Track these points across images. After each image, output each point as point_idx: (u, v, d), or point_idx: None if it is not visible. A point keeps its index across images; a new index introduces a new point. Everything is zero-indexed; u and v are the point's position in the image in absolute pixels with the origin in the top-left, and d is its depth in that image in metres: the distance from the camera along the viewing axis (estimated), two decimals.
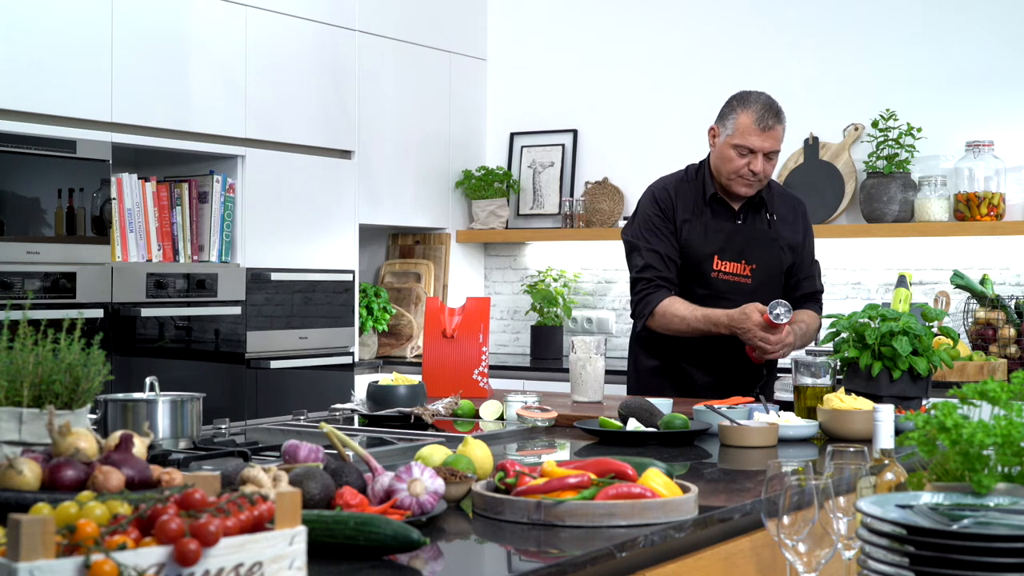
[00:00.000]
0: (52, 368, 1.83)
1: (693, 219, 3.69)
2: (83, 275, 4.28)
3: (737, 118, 3.64)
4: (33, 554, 1.22)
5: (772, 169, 3.67)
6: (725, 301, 3.61)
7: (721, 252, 3.67)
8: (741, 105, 3.65)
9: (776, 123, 3.63)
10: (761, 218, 3.73)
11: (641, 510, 1.87)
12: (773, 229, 3.73)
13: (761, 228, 3.72)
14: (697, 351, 3.66)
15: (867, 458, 2.01)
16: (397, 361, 5.65)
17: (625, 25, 5.95)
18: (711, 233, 3.68)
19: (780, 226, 3.74)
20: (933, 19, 5.28)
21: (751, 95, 3.67)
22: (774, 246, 3.71)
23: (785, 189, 3.90)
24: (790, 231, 3.75)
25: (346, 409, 3.19)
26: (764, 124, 3.60)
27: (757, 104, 3.63)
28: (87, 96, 4.38)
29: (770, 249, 3.71)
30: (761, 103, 3.63)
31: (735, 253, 3.68)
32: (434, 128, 5.93)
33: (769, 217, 3.74)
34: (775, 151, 3.65)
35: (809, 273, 3.79)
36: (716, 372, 3.67)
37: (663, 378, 3.73)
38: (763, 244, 3.71)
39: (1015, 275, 5.08)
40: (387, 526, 1.65)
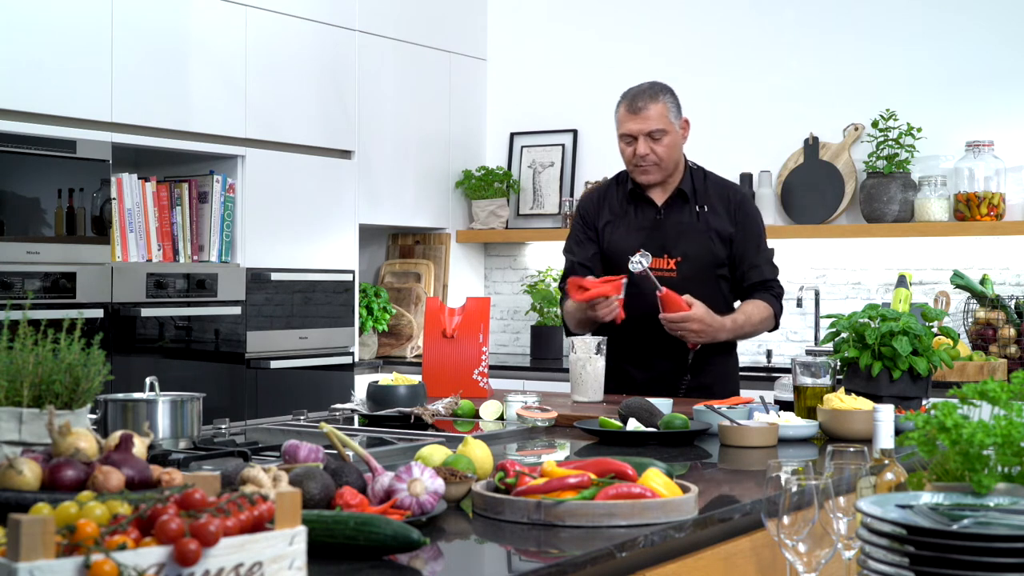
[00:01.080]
0: (52, 368, 1.83)
1: (616, 220, 3.75)
2: (83, 275, 4.28)
3: (616, 112, 3.72)
4: (33, 554, 1.22)
5: (665, 150, 3.65)
6: (650, 296, 3.61)
7: (642, 248, 3.68)
8: (620, 99, 3.72)
9: (648, 102, 3.64)
10: (687, 210, 3.71)
11: (641, 510, 1.87)
12: (701, 221, 3.70)
13: (687, 221, 3.70)
14: (635, 352, 3.68)
15: (867, 458, 2.01)
16: (397, 361, 5.65)
17: (625, 25, 5.95)
18: (632, 231, 3.72)
19: (710, 217, 3.70)
20: (933, 19, 5.28)
21: (631, 88, 3.73)
22: (702, 238, 3.68)
23: (726, 181, 3.84)
24: (721, 222, 3.70)
25: (346, 409, 3.19)
26: (634, 107, 3.64)
27: (630, 92, 3.70)
28: (87, 96, 4.38)
29: (697, 241, 3.68)
30: (633, 91, 3.69)
31: (657, 248, 3.68)
32: (434, 128, 5.93)
33: (698, 209, 3.71)
34: (657, 130, 3.63)
35: (754, 263, 3.72)
36: (650, 369, 3.67)
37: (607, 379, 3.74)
38: (688, 236, 3.68)
39: (1015, 275, 5.09)
40: (387, 526, 1.65)
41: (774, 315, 3.72)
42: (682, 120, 3.71)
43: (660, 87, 3.70)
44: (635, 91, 3.69)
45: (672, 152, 3.68)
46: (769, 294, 3.72)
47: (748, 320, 3.65)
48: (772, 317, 3.72)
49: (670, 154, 3.67)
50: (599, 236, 3.75)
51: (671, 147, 3.67)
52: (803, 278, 5.49)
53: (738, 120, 5.66)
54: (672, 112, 3.67)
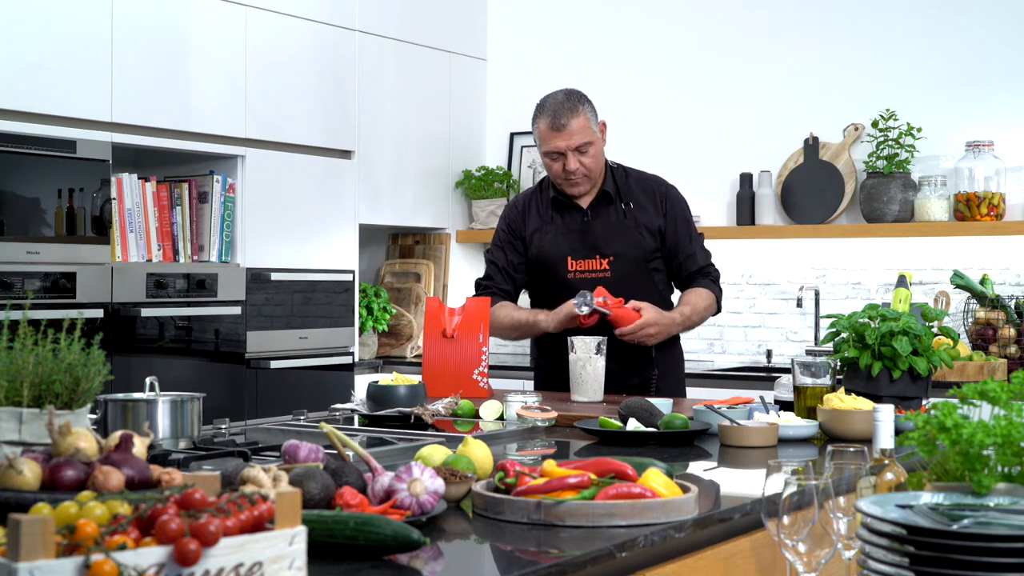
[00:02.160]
0: (52, 368, 1.83)
1: (543, 226, 3.76)
2: (83, 275, 4.28)
3: (537, 128, 3.68)
4: (33, 554, 1.22)
5: (593, 162, 3.66)
6: None
7: (573, 252, 3.71)
8: (538, 114, 3.68)
9: (571, 118, 3.61)
10: (613, 209, 3.72)
11: (641, 510, 1.87)
12: (629, 218, 3.71)
13: (614, 220, 3.71)
14: None
15: (867, 458, 2.01)
16: (397, 361, 5.65)
17: (625, 25, 5.95)
18: (560, 235, 3.73)
19: (637, 213, 3.72)
20: (933, 19, 5.28)
21: (546, 100, 3.68)
22: (631, 234, 3.70)
23: (647, 175, 3.84)
24: (648, 216, 3.72)
25: (346, 409, 3.19)
26: (557, 124, 3.61)
27: (549, 108, 3.65)
28: (87, 96, 4.38)
29: (626, 238, 3.70)
30: (552, 105, 3.64)
31: (588, 250, 3.70)
32: (434, 128, 5.93)
33: (623, 206, 3.72)
34: (584, 143, 3.62)
35: (688, 252, 3.74)
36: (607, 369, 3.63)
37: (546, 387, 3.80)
38: (617, 235, 3.70)
39: (1015, 275, 5.09)
40: (387, 526, 1.65)
41: (716, 300, 3.76)
42: (600, 124, 3.71)
43: (577, 97, 3.67)
44: (554, 106, 3.64)
45: (598, 160, 3.70)
46: (707, 280, 3.76)
47: (694, 310, 3.69)
48: (714, 302, 3.76)
49: (597, 163, 3.69)
50: (526, 245, 3.77)
51: (597, 156, 3.68)
52: (803, 278, 5.49)
53: (738, 120, 5.66)
54: (592, 121, 3.66)
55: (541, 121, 3.66)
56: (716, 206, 5.69)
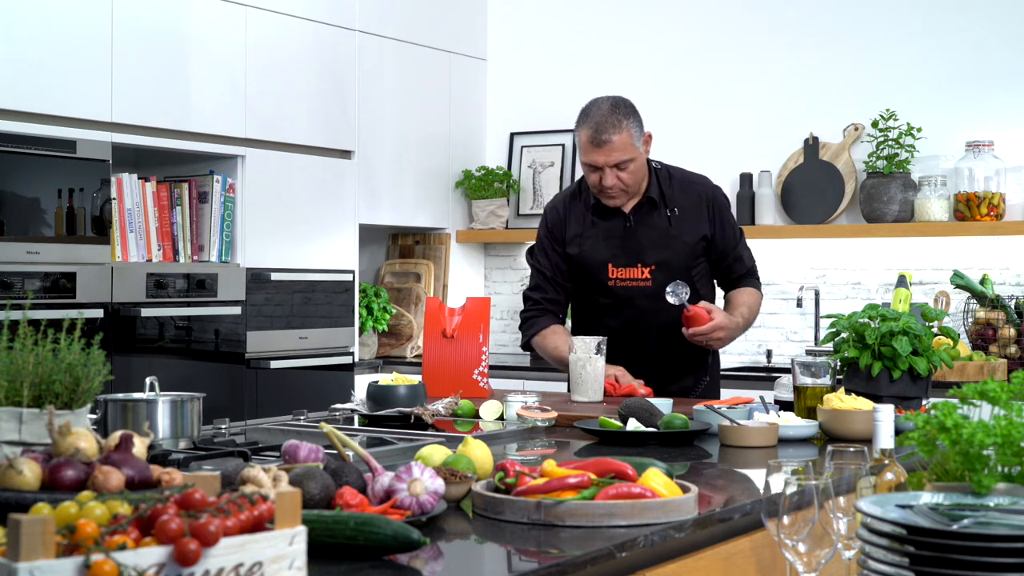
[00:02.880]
0: (52, 368, 1.83)
1: (585, 231, 3.68)
2: (83, 275, 4.28)
3: (579, 135, 3.56)
4: (33, 554, 1.22)
5: (632, 178, 3.55)
6: (628, 307, 3.63)
7: (615, 259, 3.64)
8: (581, 121, 3.56)
9: (612, 135, 3.49)
10: (657, 216, 3.64)
11: (641, 510, 1.87)
12: (674, 225, 3.64)
13: (658, 227, 3.64)
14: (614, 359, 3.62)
15: (867, 458, 2.01)
16: (397, 361, 5.65)
17: (625, 25, 5.95)
18: (602, 242, 3.66)
19: (682, 220, 3.65)
20: (933, 19, 5.28)
21: (591, 108, 3.55)
22: (675, 243, 3.63)
23: (691, 177, 3.74)
24: (694, 223, 3.65)
25: (346, 409, 3.19)
26: (597, 140, 3.49)
27: (592, 119, 3.51)
28: (87, 96, 4.38)
29: (669, 247, 3.63)
30: (595, 118, 3.51)
31: (630, 258, 3.63)
32: (434, 128, 5.93)
33: (668, 213, 3.65)
34: (624, 161, 3.52)
35: (737, 254, 3.73)
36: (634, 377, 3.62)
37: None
38: (661, 243, 3.63)
39: (1015, 275, 5.09)
40: (387, 526, 1.65)
41: (761, 299, 3.82)
42: (645, 137, 3.58)
43: (622, 110, 3.53)
44: (597, 119, 3.50)
45: (638, 175, 3.58)
46: (754, 280, 3.78)
47: (751, 312, 3.72)
48: (760, 302, 3.80)
49: (636, 178, 3.58)
50: (565, 248, 3.71)
51: (637, 172, 3.57)
52: (803, 278, 5.49)
53: (738, 120, 5.66)
54: (636, 136, 3.53)
55: (583, 131, 3.53)
56: None
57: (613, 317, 3.67)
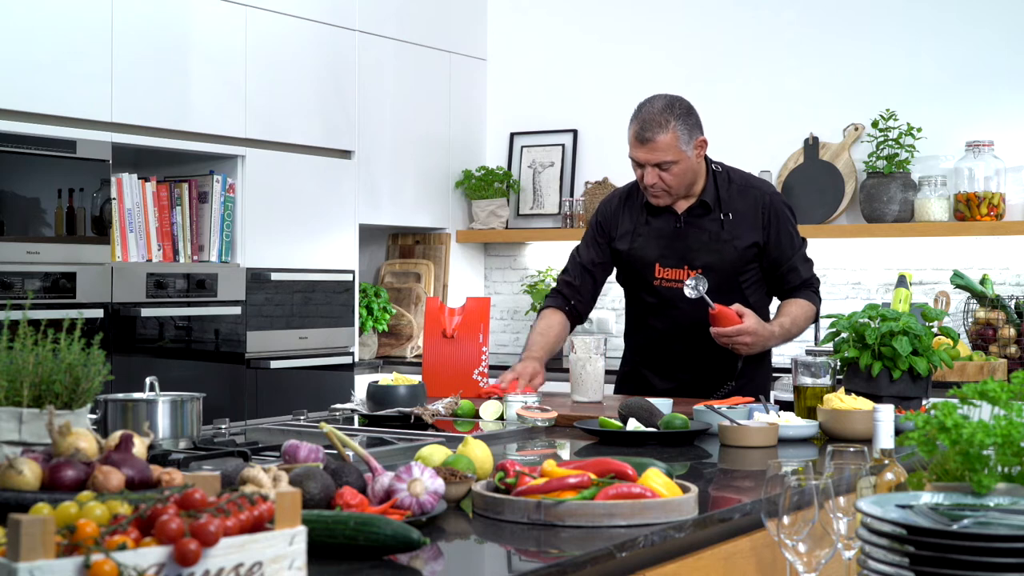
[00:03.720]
0: (52, 368, 1.83)
1: (637, 228, 3.65)
2: (83, 275, 4.28)
3: (629, 130, 3.54)
4: (33, 554, 1.22)
5: (675, 180, 3.50)
6: (672, 308, 3.59)
7: (662, 259, 3.60)
8: (633, 116, 3.53)
9: (657, 133, 3.45)
10: (711, 220, 3.59)
11: (641, 510, 1.87)
12: (727, 230, 3.57)
13: (709, 230, 3.58)
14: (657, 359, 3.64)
15: (867, 458, 2.01)
16: (397, 361, 5.65)
17: (625, 25, 5.95)
18: (652, 240, 3.62)
19: (736, 225, 3.58)
20: (933, 19, 5.28)
21: (644, 103, 3.53)
22: (725, 248, 3.56)
23: (752, 181, 3.69)
24: (748, 230, 3.58)
25: (346, 409, 3.19)
26: (642, 137, 3.47)
27: (641, 115, 3.50)
28: (87, 96, 4.38)
29: (718, 252, 3.56)
30: (644, 115, 3.49)
31: (677, 259, 3.59)
32: (434, 128, 5.93)
33: (722, 217, 3.58)
34: (666, 162, 3.47)
35: (792, 265, 3.62)
36: (675, 379, 3.62)
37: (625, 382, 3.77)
38: (710, 247, 3.57)
39: (1015, 275, 5.09)
40: (387, 526, 1.65)
41: (816, 310, 3.68)
42: (696, 141, 3.53)
43: (673, 111, 3.49)
44: (646, 115, 3.48)
45: (683, 178, 3.52)
46: (810, 292, 3.66)
47: (794, 323, 3.60)
48: (814, 313, 3.67)
49: (680, 181, 3.52)
50: (612, 245, 3.68)
51: (681, 174, 3.51)
52: None
53: (738, 120, 5.66)
54: (683, 139, 3.48)
55: (631, 126, 3.51)
56: None
57: (658, 317, 3.64)
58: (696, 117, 3.57)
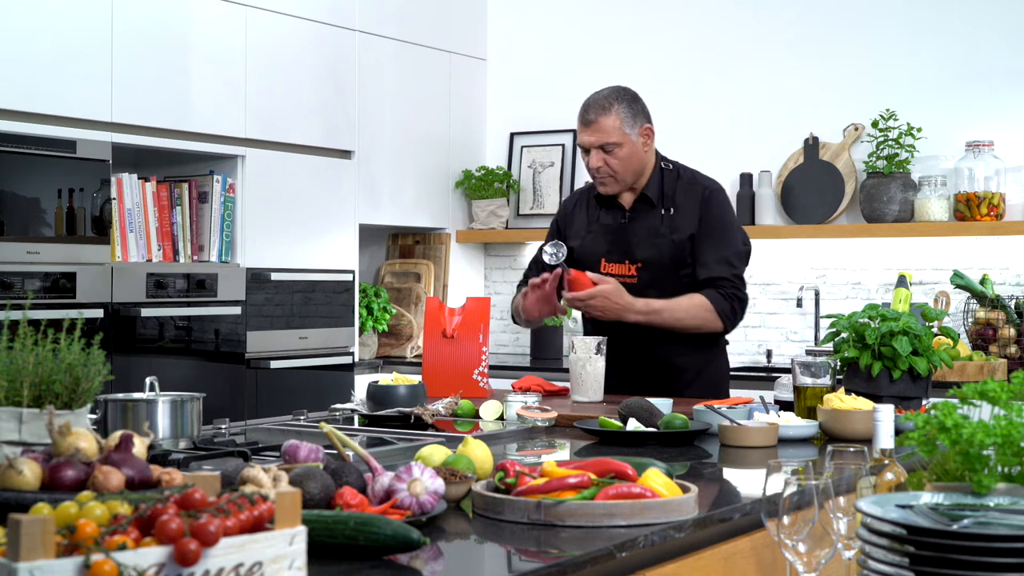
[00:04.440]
0: (52, 368, 1.83)
1: (589, 224, 3.71)
2: (83, 275, 4.28)
3: (577, 120, 3.62)
4: (33, 554, 1.22)
5: (621, 165, 3.56)
6: None
7: (608, 254, 3.64)
8: (581, 106, 3.62)
9: (599, 115, 3.54)
10: (653, 214, 3.61)
11: (641, 510, 1.87)
12: (666, 224, 3.59)
13: (650, 224, 3.60)
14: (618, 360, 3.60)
15: (867, 458, 2.01)
16: (397, 361, 5.65)
17: (625, 25, 5.95)
18: (600, 236, 3.67)
19: (677, 218, 3.58)
20: (933, 19, 5.29)
21: (591, 95, 3.63)
22: (663, 241, 3.57)
23: (699, 177, 3.68)
24: (687, 221, 3.58)
25: (346, 409, 3.19)
26: (585, 119, 3.57)
27: (586, 102, 3.60)
28: (87, 96, 4.38)
29: (657, 246, 3.58)
30: (589, 100, 3.60)
31: (620, 254, 3.62)
32: (434, 128, 5.93)
33: (663, 212, 3.60)
34: (610, 143, 3.53)
35: (704, 260, 3.54)
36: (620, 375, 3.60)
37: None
38: (649, 241, 3.59)
39: (1015, 275, 5.09)
40: (387, 526, 1.65)
41: (717, 312, 3.50)
42: (642, 128, 3.58)
43: (617, 96, 3.58)
44: (591, 100, 3.59)
45: (629, 163, 3.57)
46: (715, 292, 3.52)
47: (668, 308, 3.49)
48: (712, 313, 3.50)
49: (626, 166, 3.57)
50: (568, 242, 3.71)
51: (627, 159, 3.56)
52: (803, 278, 5.49)
53: (738, 120, 5.66)
54: (627, 123, 3.55)
55: (579, 115, 3.61)
56: None
57: None
58: (642, 105, 3.65)
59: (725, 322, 3.54)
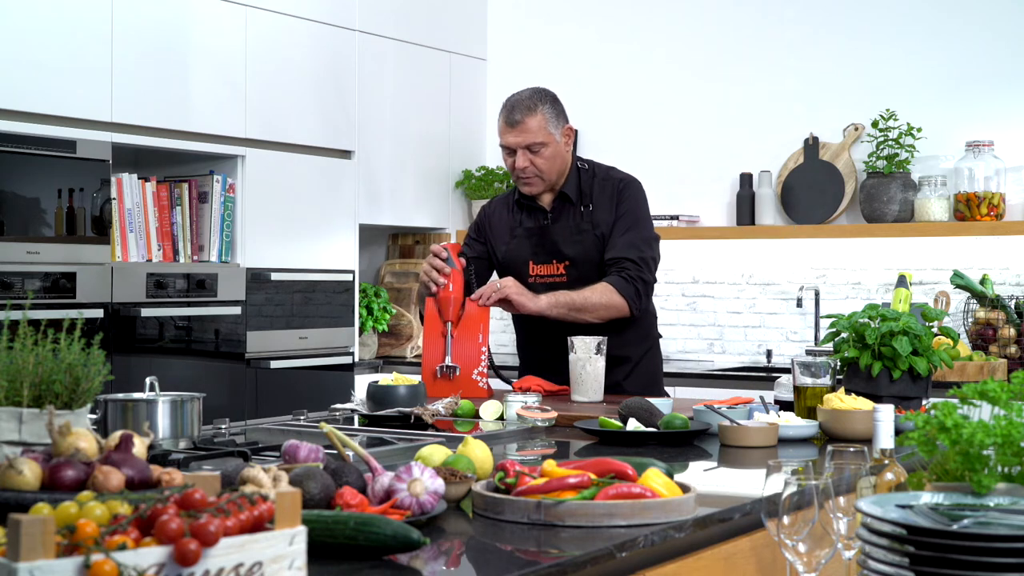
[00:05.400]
0: (52, 368, 1.83)
1: (511, 229, 3.72)
2: (83, 275, 4.28)
3: (499, 120, 3.64)
4: (33, 554, 1.22)
5: (546, 164, 3.58)
6: None
7: (534, 256, 3.67)
8: (502, 107, 3.64)
9: (525, 116, 3.56)
10: (574, 211, 3.64)
11: (641, 510, 1.87)
12: (586, 219, 3.63)
13: (573, 222, 3.63)
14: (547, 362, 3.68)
15: (867, 458, 2.01)
16: (397, 361, 5.65)
17: (625, 25, 5.95)
18: (524, 240, 3.69)
19: (596, 214, 3.62)
20: (933, 19, 5.29)
21: (511, 96, 3.65)
22: (587, 237, 3.61)
23: (614, 173, 3.70)
24: (605, 216, 3.61)
25: (346, 409, 3.19)
26: (510, 120, 3.58)
27: (509, 102, 3.62)
28: (87, 96, 4.38)
29: (582, 242, 3.61)
30: (513, 100, 3.61)
31: (547, 254, 3.65)
32: (434, 128, 5.93)
33: (583, 209, 3.64)
34: (535, 143, 3.56)
35: (612, 243, 3.57)
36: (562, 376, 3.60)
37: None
38: (574, 238, 3.62)
39: (1015, 275, 5.09)
40: (387, 526, 1.65)
41: (621, 295, 3.51)
42: (564, 128, 3.62)
43: (540, 96, 3.62)
44: (513, 101, 3.61)
45: (553, 163, 3.61)
46: (617, 275, 3.53)
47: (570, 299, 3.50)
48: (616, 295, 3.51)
49: (551, 166, 3.60)
50: (489, 244, 3.75)
51: (551, 158, 3.60)
52: (803, 278, 5.49)
53: (738, 120, 5.66)
54: (551, 123, 3.59)
55: (500, 115, 3.63)
56: (716, 206, 5.70)
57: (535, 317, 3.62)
58: (562, 106, 3.68)
59: (630, 304, 3.53)
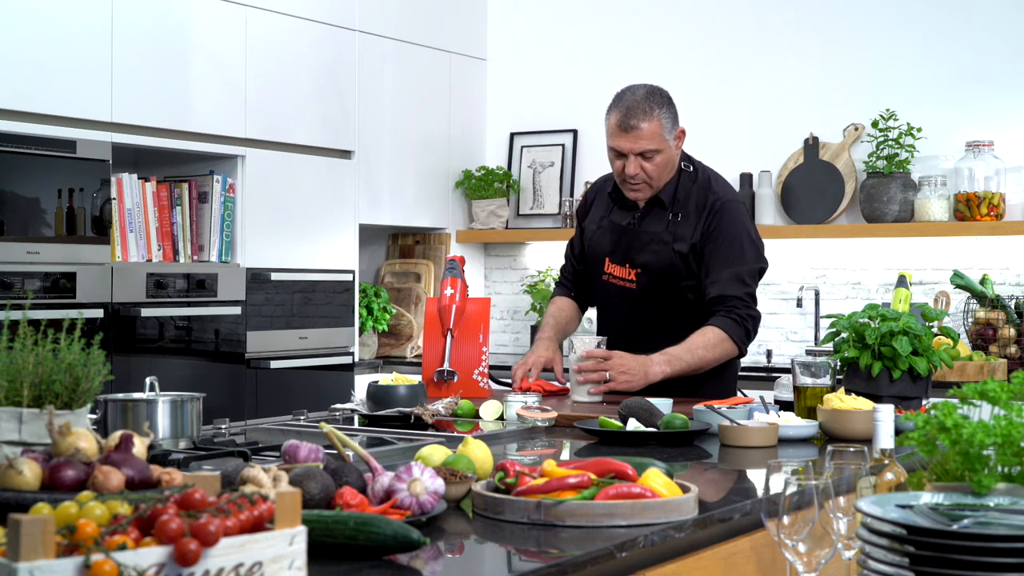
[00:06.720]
0: (52, 368, 1.83)
1: (600, 218, 3.60)
2: (83, 275, 4.28)
3: (608, 119, 3.44)
4: (33, 554, 1.22)
5: (657, 171, 3.41)
6: (614, 307, 3.56)
7: (612, 254, 3.54)
8: (612, 105, 3.44)
9: (642, 121, 3.36)
10: (660, 219, 3.48)
11: (641, 510, 1.87)
12: (670, 230, 3.45)
13: (655, 229, 3.47)
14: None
15: (867, 458, 2.01)
16: (397, 361, 5.65)
17: (625, 25, 5.95)
18: (607, 234, 3.56)
19: (681, 225, 3.45)
20: (933, 19, 5.29)
21: (624, 93, 3.44)
22: (664, 248, 3.44)
23: (715, 185, 3.51)
24: (690, 231, 3.43)
25: (346, 409, 3.19)
26: (626, 124, 3.37)
27: (623, 103, 3.40)
28: (87, 96, 4.38)
29: (658, 252, 3.45)
30: (627, 102, 3.39)
31: (622, 256, 3.51)
32: (434, 128, 5.93)
33: (671, 217, 3.46)
34: (649, 150, 3.38)
35: (716, 277, 3.39)
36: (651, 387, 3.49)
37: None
38: (651, 246, 3.46)
39: (1015, 275, 5.09)
40: (387, 526, 1.65)
41: (733, 341, 3.38)
42: (677, 131, 3.46)
43: (656, 99, 3.41)
44: (629, 103, 3.39)
45: (664, 169, 3.44)
46: (727, 317, 3.38)
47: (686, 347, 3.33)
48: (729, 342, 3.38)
49: (661, 172, 3.44)
50: (583, 234, 3.70)
51: (663, 165, 3.43)
52: (803, 278, 5.49)
53: (738, 120, 5.66)
54: (667, 128, 3.40)
55: (612, 114, 3.41)
56: None
57: (604, 314, 3.64)
58: (675, 108, 3.49)
59: (740, 346, 3.42)
